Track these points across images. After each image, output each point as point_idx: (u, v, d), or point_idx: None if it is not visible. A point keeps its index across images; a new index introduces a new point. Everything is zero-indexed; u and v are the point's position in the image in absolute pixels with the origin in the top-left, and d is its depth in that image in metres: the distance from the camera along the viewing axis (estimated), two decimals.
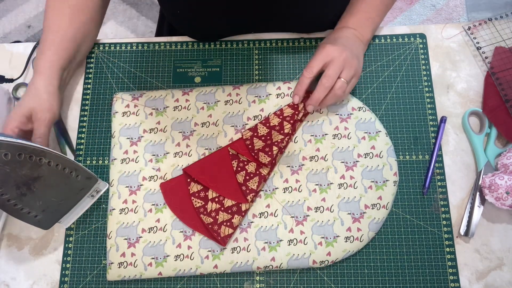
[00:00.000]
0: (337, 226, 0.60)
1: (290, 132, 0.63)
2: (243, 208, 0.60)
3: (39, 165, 0.52)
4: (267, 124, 0.64)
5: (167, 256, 0.60)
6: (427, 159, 0.64)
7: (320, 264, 0.59)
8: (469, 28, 0.70)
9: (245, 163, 0.63)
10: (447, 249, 0.60)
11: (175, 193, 0.62)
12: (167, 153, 0.65)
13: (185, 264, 0.59)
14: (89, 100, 0.69)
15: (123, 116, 0.66)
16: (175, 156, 0.64)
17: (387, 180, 0.61)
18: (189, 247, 0.60)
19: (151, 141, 0.65)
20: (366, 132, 0.64)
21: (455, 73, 0.69)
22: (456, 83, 0.68)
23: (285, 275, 0.60)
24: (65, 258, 0.62)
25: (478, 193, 0.62)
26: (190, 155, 0.64)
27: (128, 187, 0.63)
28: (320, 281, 0.60)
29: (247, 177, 0.61)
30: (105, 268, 0.61)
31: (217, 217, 0.60)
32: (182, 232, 0.61)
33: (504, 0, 1.55)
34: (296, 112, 0.64)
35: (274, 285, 0.60)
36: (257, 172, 0.62)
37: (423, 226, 0.62)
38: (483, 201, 0.61)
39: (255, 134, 0.64)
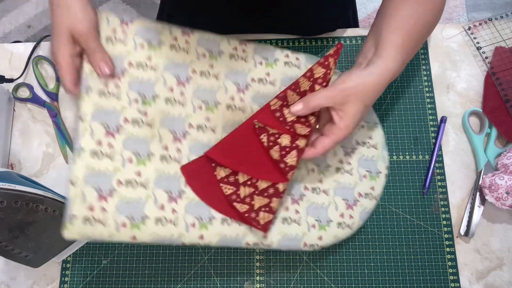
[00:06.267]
0: (332, 210, 0.57)
1: None
2: (281, 188, 0.52)
3: (35, 211, 0.52)
4: (297, 90, 0.55)
5: (146, 217, 0.50)
6: (427, 159, 0.64)
7: (310, 248, 0.55)
8: (469, 28, 0.70)
9: (277, 136, 0.53)
10: (447, 249, 0.60)
11: (199, 177, 0.54)
12: (157, 95, 0.55)
13: (166, 230, 0.51)
14: None
15: (107, 42, 0.54)
16: (166, 103, 0.55)
17: (380, 172, 0.60)
18: (173, 211, 0.51)
19: (138, 78, 0.54)
20: (364, 121, 0.62)
21: (455, 73, 0.69)
22: (456, 83, 0.68)
23: (285, 275, 0.60)
24: (65, 258, 0.62)
25: (478, 193, 0.62)
26: (184, 105, 0.56)
27: (104, 125, 0.52)
28: (320, 281, 0.60)
29: (283, 152, 0.52)
30: (106, 268, 0.61)
31: (252, 202, 0.52)
32: (168, 192, 0.52)
33: (504, 0, 1.56)
34: (328, 71, 0.53)
35: (274, 285, 0.60)
36: (294, 145, 0.52)
37: (423, 226, 0.62)
38: (483, 201, 0.61)
39: (285, 102, 0.55)
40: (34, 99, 0.69)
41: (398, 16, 0.53)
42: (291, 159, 0.52)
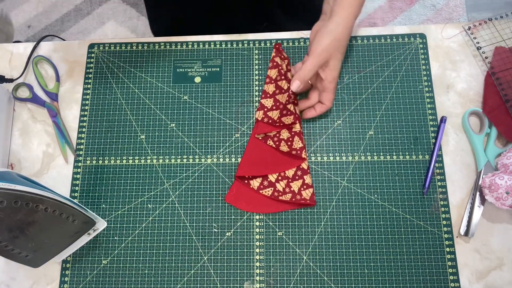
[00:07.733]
0: None
1: (289, 86, 0.64)
2: (305, 167, 0.64)
3: (35, 211, 0.52)
4: (268, 95, 0.67)
5: None
6: (427, 159, 0.64)
7: None
8: (469, 28, 0.70)
9: (278, 135, 0.65)
10: (447, 249, 0.60)
11: (242, 197, 0.64)
12: None
13: None
14: (89, 100, 0.69)
15: None
16: None
17: None
18: None
19: None
20: None
21: (455, 73, 0.69)
22: (456, 83, 0.68)
23: (285, 275, 0.60)
24: (65, 258, 0.62)
25: (478, 193, 0.62)
26: None
27: None
28: (320, 281, 0.60)
29: (289, 143, 0.64)
30: (106, 268, 0.61)
31: (292, 189, 0.63)
32: None
33: (504, 0, 1.56)
34: (280, 68, 0.67)
35: (274, 285, 0.60)
36: (293, 133, 0.64)
37: (423, 226, 0.62)
38: (483, 201, 0.61)
39: (265, 109, 0.66)
40: (34, 99, 0.69)
41: None
42: (296, 143, 0.64)
